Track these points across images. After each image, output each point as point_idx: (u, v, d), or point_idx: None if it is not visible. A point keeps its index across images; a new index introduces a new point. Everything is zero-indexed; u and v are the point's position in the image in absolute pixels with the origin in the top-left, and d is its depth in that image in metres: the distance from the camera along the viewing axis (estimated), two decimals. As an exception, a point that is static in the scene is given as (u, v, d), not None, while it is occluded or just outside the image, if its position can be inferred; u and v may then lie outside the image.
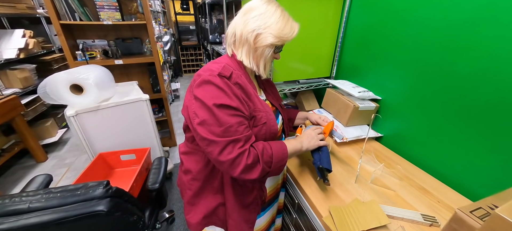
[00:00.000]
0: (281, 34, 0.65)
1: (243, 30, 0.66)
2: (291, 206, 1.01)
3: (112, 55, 1.92)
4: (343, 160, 1.01)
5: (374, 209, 0.71)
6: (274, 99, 0.85)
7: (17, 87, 2.23)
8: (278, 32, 0.64)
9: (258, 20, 0.64)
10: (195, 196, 0.77)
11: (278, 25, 0.64)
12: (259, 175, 0.61)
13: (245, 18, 0.66)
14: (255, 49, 0.67)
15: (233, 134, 0.60)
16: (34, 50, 2.43)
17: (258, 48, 0.66)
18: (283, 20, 0.65)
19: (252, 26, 0.64)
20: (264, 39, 0.65)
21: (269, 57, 0.69)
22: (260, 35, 0.65)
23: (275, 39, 0.65)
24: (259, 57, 0.68)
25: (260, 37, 0.65)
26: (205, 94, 0.60)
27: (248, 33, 0.65)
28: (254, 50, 0.67)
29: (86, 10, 1.73)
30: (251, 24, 0.65)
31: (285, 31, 0.65)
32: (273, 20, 0.64)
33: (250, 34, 0.65)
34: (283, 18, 0.66)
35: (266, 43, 0.65)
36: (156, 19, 3.29)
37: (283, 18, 0.66)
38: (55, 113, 2.78)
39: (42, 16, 2.62)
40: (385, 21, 1.07)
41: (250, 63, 0.69)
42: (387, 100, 1.12)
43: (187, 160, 0.77)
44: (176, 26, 5.22)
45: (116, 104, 1.54)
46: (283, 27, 0.65)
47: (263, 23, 0.64)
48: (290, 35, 0.67)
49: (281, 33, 0.65)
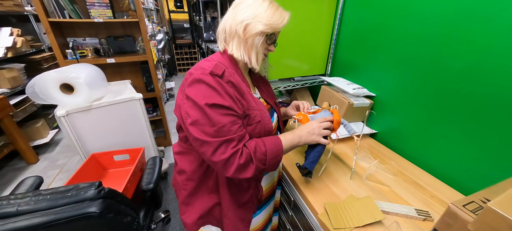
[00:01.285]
0: (271, 21, 0.64)
1: (232, 23, 0.66)
2: (287, 204, 1.01)
3: (104, 53, 1.88)
4: (338, 157, 1.02)
5: (369, 205, 0.72)
6: (268, 97, 0.84)
7: (5, 88, 2.17)
8: (267, 19, 0.64)
9: (246, 11, 0.64)
10: (190, 196, 0.76)
11: (267, 13, 0.64)
12: (253, 173, 0.60)
13: (234, 12, 0.66)
14: (245, 41, 0.66)
15: (226, 134, 0.58)
16: (22, 49, 2.36)
17: (248, 38, 0.65)
18: (272, 9, 0.65)
19: (240, 17, 0.64)
20: (254, 28, 0.64)
21: (260, 47, 0.67)
22: (249, 25, 0.64)
23: (264, 26, 0.64)
24: (250, 48, 0.67)
25: (249, 27, 0.64)
26: (197, 94, 0.58)
27: (237, 24, 0.65)
28: (245, 41, 0.66)
29: (76, 8, 1.68)
30: (240, 16, 0.64)
31: (275, 18, 0.64)
32: (261, 10, 0.64)
33: (239, 25, 0.64)
34: (271, 7, 0.65)
35: (256, 31, 0.64)
36: (149, 17, 3.23)
37: (271, 7, 0.65)
38: (46, 114, 2.71)
39: (30, 14, 2.55)
40: (378, 18, 1.07)
41: (241, 55, 0.68)
42: (381, 96, 1.13)
43: (181, 160, 0.76)
44: (170, 24, 5.15)
45: (108, 104, 1.51)
46: (272, 14, 0.64)
47: (252, 13, 0.64)
48: (280, 22, 0.66)
49: (270, 20, 0.64)
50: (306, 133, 0.73)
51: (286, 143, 0.68)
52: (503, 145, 0.73)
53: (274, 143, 0.65)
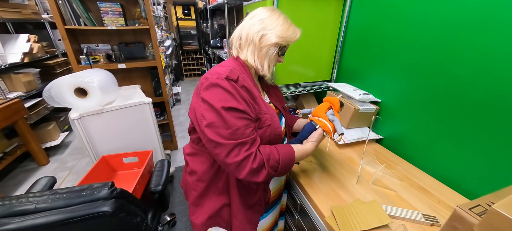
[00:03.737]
0: (285, 35, 0.69)
1: (249, 31, 0.71)
2: (294, 208, 1.02)
3: (115, 59, 1.95)
4: (345, 162, 1.03)
5: (376, 209, 0.72)
6: (277, 101, 0.86)
7: (20, 91, 2.26)
8: (282, 32, 0.69)
9: (263, 23, 0.69)
10: (200, 197, 0.78)
11: (282, 27, 0.69)
12: (265, 178, 0.63)
13: (251, 22, 0.71)
14: (260, 49, 0.71)
15: (240, 137, 0.61)
16: (38, 55, 2.46)
17: (263, 47, 0.70)
18: (286, 24, 0.71)
19: (257, 28, 0.69)
20: (269, 39, 0.69)
21: (273, 57, 0.73)
22: (265, 35, 0.69)
23: (279, 38, 0.69)
24: (264, 56, 0.72)
25: (265, 37, 0.69)
26: (213, 97, 0.61)
27: (254, 33, 0.70)
28: (259, 49, 0.71)
29: (91, 15, 1.76)
30: (257, 26, 0.69)
31: (289, 32, 0.70)
32: (278, 23, 0.69)
33: (255, 34, 0.69)
34: (286, 22, 0.71)
35: (271, 42, 0.69)
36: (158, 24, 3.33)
37: (286, 22, 0.71)
38: (58, 117, 2.79)
39: (46, 21, 2.66)
40: (383, 25, 1.09)
41: (255, 62, 0.72)
42: (387, 102, 1.14)
43: (192, 161, 0.78)
44: (177, 31, 5.28)
45: (119, 108, 1.56)
46: (286, 29, 0.70)
47: (268, 24, 0.69)
48: (293, 36, 0.71)
49: (285, 33, 0.69)
50: (317, 146, 0.79)
51: (298, 153, 0.72)
52: (509, 150, 0.73)
53: (287, 152, 0.69)
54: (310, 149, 0.76)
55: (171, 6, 5.18)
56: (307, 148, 0.76)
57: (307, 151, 0.75)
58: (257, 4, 1.25)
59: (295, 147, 0.73)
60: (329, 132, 0.77)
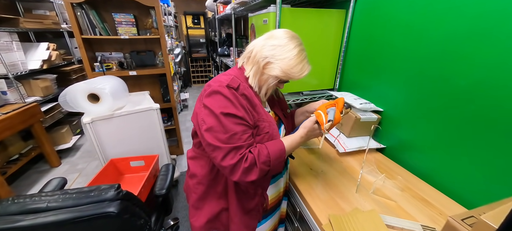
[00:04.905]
0: (289, 72, 0.67)
1: (258, 52, 0.70)
2: (293, 215, 1.03)
3: (127, 66, 2.04)
4: (345, 170, 1.03)
5: (373, 219, 0.72)
6: (278, 109, 0.89)
7: (38, 96, 2.39)
8: (286, 68, 0.67)
9: (274, 50, 0.68)
10: (200, 200, 0.81)
11: (290, 62, 0.67)
12: (258, 175, 0.64)
13: (264, 43, 0.70)
14: (262, 73, 0.71)
15: (237, 141, 0.64)
16: (56, 62, 2.61)
17: (264, 73, 0.71)
18: (297, 60, 0.67)
19: (266, 53, 0.68)
20: (272, 69, 0.68)
21: (271, 86, 0.73)
22: (270, 64, 0.68)
23: (281, 73, 0.68)
24: (263, 82, 0.72)
25: (269, 66, 0.69)
26: (213, 103, 0.64)
27: (261, 57, 0.69)
28: (261, 73, 0.71)
29: (106, 26, 1.87)
30: (266, 51, 0.68)
31: (294, 70, 0.68)
32: (287, 56, 0.67)
33: (262, 59, 0.69)
34: (297, 58, 0.67)
35: (272, 73, 0.69)
36: (168, 33, 3.47)
37: (297, 58, 0.67)
38: (71, 120, 2.92)
39: (65, 31, 2.83)
40: (384, 36, 1.11)
41: (254, 83, 0.73)
42: (388, 112, 1.14)
43: (194, 165, 0.82)
44: (187, 39, 5.46)
45: (128, 113, 1.63)
46: (293, 65, 0.67)
47: (278, 54, 0.67)
48: (297, 75, 0.69)
49: (289, 70, 0.67)
50: (306, 134, 0.74)
51: (287, 143, 0.70)
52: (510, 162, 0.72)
53: (276, 144, 0.68)
54: (298, 135, 0.73)
55: (181, 16, 5.38)
56: (295, 135, 0.73)
57: (296, 139, 0.72)
58: (261, 15, 1.30)
59: (284, 139, 0.71)
60: (322, 123, 0.71)
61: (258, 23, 1.40)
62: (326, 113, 0.72)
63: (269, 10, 1.17)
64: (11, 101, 2.17)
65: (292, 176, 1.00)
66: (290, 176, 1.00)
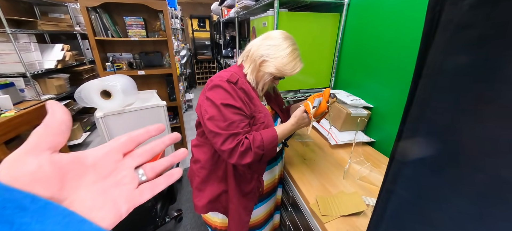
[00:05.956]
0: (282, 69, 0.76)
1: (255, 51, 0.78)
2: (287, 201, 1.12)
3: (136, 66, 2.17)
4: (336, 161, 1.11)
5: (355, 199, 0.81)
6: (275, 104, 0.98)
7: (52, 93, 2.54)
8: (280, 65, 0.75)
9: (269, 49, 0.76)
10: (202, 182, 0.91)
11: (283, 60, 0.75)
12: (253, 158, 0.73)
13: (261, 43, 0.78)
14: (258, 70, 0.80)
15: (235, 129, 0.73)
16: (69, 62, 2.77)
17: (260, 70, 0.80)
18: (289, 58, 0.75)
19: (262, 52, 0.77)
20: (267, 67, 0.77)
21: (267, 82, 0.82)
22: (266, 62, 0.77)
23: (275, 70, 0.76)
24: (260, 78, 0.82)
25: (264, 64, 0.77)
26: (215, 96, 0.74)
27: (257, 55, 0.78)
28: (258, 70, 0.80)
29: (117, 28, 2.01)
30: (262, 50, 0.77)
31: (287, 67, 0.76)
32: (280, 55, 0.75)
33: (258, 57, 0.77)
34: (290, 56, 0.75)
35: (267, 70, 0.77)
36: (175, 35, 3.61)
37: (290, 56, 0.75)
38: (81, 118, 3.07)
39: (78, 33, 3.00)
40: (373, 39, 1.20)
41: (252, 79, 0.82)
42: (378, 108, 1.23)
43: (197, 152, 0.92)
44: (193, 41, 5.62)
45: (137, 109, 1.75)
46: (286, 63, 0.75)
47: (272, 53, 0.75)
48: (289, 72, 0.77)
49: (282, 67, 0.75)
50: (296, 122, 0.81)
51: (279, 130, 0.79)
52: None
53: (269, 131, 0.77)
54: (289, 123, 0.80)
55: (188, 19, 5.55)
56: (287, 124, 0.81)
57: (287, 127, 0.80)
58: (261, 19, 1.41)
59: (277, 127, 0.80)
60: (309, 110, 0.79)
61: (258, 26, 1.50)
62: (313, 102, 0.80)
63: (268, 14, 1.28)
64: (28, 98, 2.32)
65: (287, 165, 1.09)
66: (285, 165, 1.09)
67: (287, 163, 1.10)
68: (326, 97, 0.80)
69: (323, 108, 0.79)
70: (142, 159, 0.27)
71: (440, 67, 0.26)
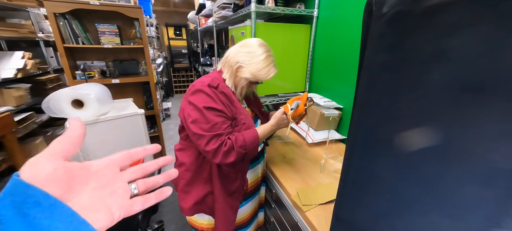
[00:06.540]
0: (256, 74, 0.81)
1: (232, 58, 0.84)
2: (271, 199, 1.17)
3: (109, 75, 2.09)
4: (314, 158, 1.21)
5: (331, 189, 0.90)
6: (255, 106, 1.05)
7: (10, 105, 2.30)
8: (255, 71, 0.81)
9: (245, 56, 0.81)
10: (187, 185, 0.92)
11: (257, 66, 0.80)
12: (236, 157, 0.77)
13: (238, 50, 0.84)
14: (235, 76, 0.86)
15: (217, 130, 0.78)
16: (31, 71, 2.54)
17: (237, 76, 0.85)
18: (263, 64, 0.80)
19: (238, 59, 0.82)
20: (243, 72, 0.82)
21: (244, 87, 0.88)
22: (241, 68, 0.82)
23: (250, 75, 0.81)
24: (237, 83, 0.87)
25: (241, 70, 0.83)
26: (197, 100, 0.78)
27: (234, 62, 0.83)
28: (235, 75, 0.86)
29: (89, 35, 1.93)
30: (239, 57, 0.82)
31: (261, 73, 0.81)
32: (255, 61, 0.80)
33: (235, 63, 0.83)
34: (264, 62, 0.80)
35: (243, 76, 0.83)
36: (150, 43, 3.54)
37: (264, 62, 0.80)
38: (45, 131, 2.81)
39: (41, 40, 2.79)
40: (338, 46, 1.35)
41: (230, 84, 0.87)
42: (348, 107, 1.37)
43: (181, 155, 0.93)
44: (169, 50, 5.51)
45: (114, 118, 1.68)
46: (260, 69, 0.80)
47: (248, 60, 0.81)
48: (263, 77, 0.82)
49: (256, 73, 0.81)
50: (276, 122, 0.88)
51: (260, 130, 0.85)
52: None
53: (251, 132, 0.83)
54: (270, 124, 0.87)
55: (163, 27, 5.46)
56: (267, 125, 0.87)
57: (267, 127, 0.86)
58: (239, 28, 1.49)
59: (258, 128, 0.85)
60: (287, 112, 0.85)
61: (237, 35, 1.58)
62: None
63: (246, 24, 1.36)
64: (-19, 111, 2.08)
65: (269, 164, 1.15)
66: (267, 164, 1.16)
67: (269, 162, 1.17)
68: (303, 101, 0.87)
69: (301, 111, 0.86)
70: (135, 175, 0.30)
71: (372, 62, 0.35)
